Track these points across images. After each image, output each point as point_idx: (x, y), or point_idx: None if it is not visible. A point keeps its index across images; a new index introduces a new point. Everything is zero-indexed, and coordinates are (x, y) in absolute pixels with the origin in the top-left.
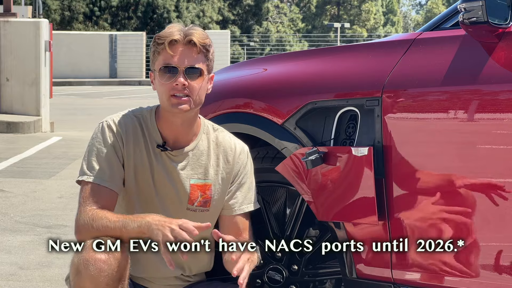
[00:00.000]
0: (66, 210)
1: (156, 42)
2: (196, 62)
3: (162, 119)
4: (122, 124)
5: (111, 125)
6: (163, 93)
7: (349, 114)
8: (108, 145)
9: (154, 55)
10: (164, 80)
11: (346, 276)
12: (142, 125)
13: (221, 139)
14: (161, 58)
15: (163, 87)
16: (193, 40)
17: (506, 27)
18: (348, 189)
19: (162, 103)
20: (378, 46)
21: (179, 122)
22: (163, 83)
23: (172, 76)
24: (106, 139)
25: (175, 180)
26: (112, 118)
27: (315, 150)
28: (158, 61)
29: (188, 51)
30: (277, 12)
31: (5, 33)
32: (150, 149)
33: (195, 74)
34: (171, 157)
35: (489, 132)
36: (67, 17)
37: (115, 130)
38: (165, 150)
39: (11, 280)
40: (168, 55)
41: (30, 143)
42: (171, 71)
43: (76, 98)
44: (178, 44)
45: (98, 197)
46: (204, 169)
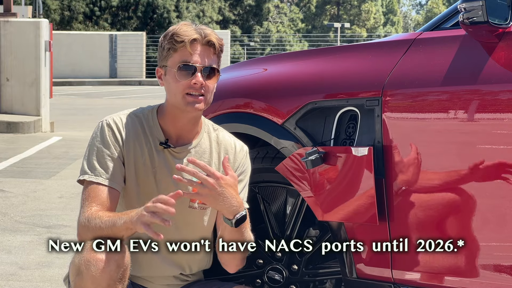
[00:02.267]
0: (66, 210)
1: (173, 39)
2: (213, 63)
3: (166, 117)
4: (122, 122)
5: (110, 123)
6: (177, 90)
7: (349, 114)
8: (107, 143)
9: (169, 51)
10: (181, 77)
11: (346, 276)
12: (143, 123)
13: (222, 138)
14: (178, 55)
15: (178, 85)
16: (212, 40)
17: (506, 27)
18: (348, 189)
19: (174, 100)
20: (378, 46)
21: (186, 120)
22: (179, 81)
23: (189, 74)
24: (106, 138)
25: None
26: (112, 117)
27: (315, 150)
28: (173, 58)
29: (206, 51)
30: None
31: (5, 33)
32: (152, 147)
33: (211, 74)
34: (174, 154)
35: (489, 132)
36: (67, 17)
37: (114, 128)
38: (168, 147)
39: (11, 280)
40: (187, 53)
41: (30, 143)
42: (189, 69)
43: (76, 98)
44: (197, 43)
45: (99, 196)
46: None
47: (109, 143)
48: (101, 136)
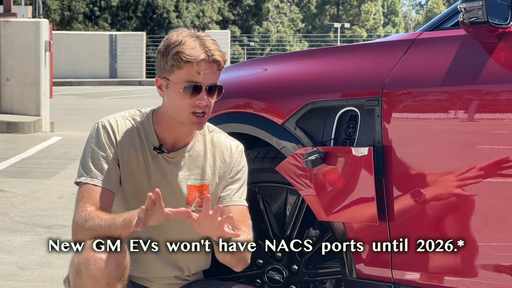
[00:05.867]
0: (66, 210)
1: (179, 57)
2: (216, 79)
3: (163, 125)
4: (117, 125)
5: (105, 125)
6: (183, 108)
7: (349, 114)
8: (102, 145)
9: (173, 67)
10: (186, 96)
11: (346, 276)
12: (139, 127)
13: (217, 139)
14: (183, 73)
15: (183, 103)
16: (217, 59)
17: (506, 27)
18: (348, 189)
19: (178, 116)
20: (378, 46)
21: (184, 131)
22: (184, 100)
23: (194, 93)
24: (101, 140)
25: (172, 182)
26: (108, 119)
27: (315, 150)
28: (177, 75)
29: (211, 69)
30: (277, 12)
31: (5, 33)
32: (147, 151)
33: (214, 91)
34: (167, 159)
35: (489, 132)
36: (67, 17)
37: (109, 130)
38: (162, 153)
39: (11, 280)
40: (194, 72)
41: (30, 143)
42: (195, 88)
43: (76, 98)
44: (203, 62)
45: (94, 197)
46: (201, 169)
47: (104, 145)
48: (96, 138)
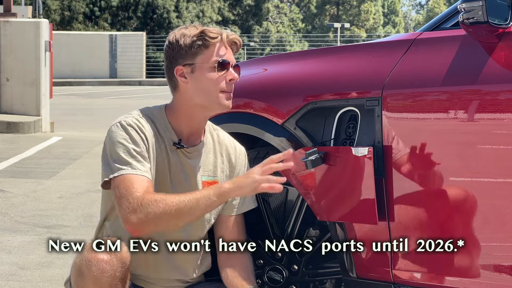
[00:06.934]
0: (66, 210)
1: (206, 35)
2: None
3: (181, 116)
4: (140, 122)
5: (131, 123)
6: (213, 88)
7: (349, 114)
8: (135, 141)
9: (199, 48)
10: (220, 72)
11: (346, 276)
12: (155, 123)
13: (222, 138)
14: (210, 51)
15: (213, 82)
16: (236, 40)
17: (506, 27)
18: (348, 189)
19: (207, 99)
20: (378, 46)
21: (203, 118)
22: (216, 77)
23: (224, 70)
24: (132, 136)
25: (189, 177)
26: (128, 117)
27: (315, 150)
28: (204, 55)
29: (231, 47)
30: (277, 12)
31: (5, 33)
32: (167, 147)
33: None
34: (186, 154)
35: (489, 132)
36: (67, 17)
37: (136, 128)
38: (182, 148)
39: (11, 280)
40: (223, 48)
41: (30, 143)
42: (225, 65)
43: (76, 98)
44: (227, 39)
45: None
46: (212, 166)
47: (136, 141)
48: (126, 135)
